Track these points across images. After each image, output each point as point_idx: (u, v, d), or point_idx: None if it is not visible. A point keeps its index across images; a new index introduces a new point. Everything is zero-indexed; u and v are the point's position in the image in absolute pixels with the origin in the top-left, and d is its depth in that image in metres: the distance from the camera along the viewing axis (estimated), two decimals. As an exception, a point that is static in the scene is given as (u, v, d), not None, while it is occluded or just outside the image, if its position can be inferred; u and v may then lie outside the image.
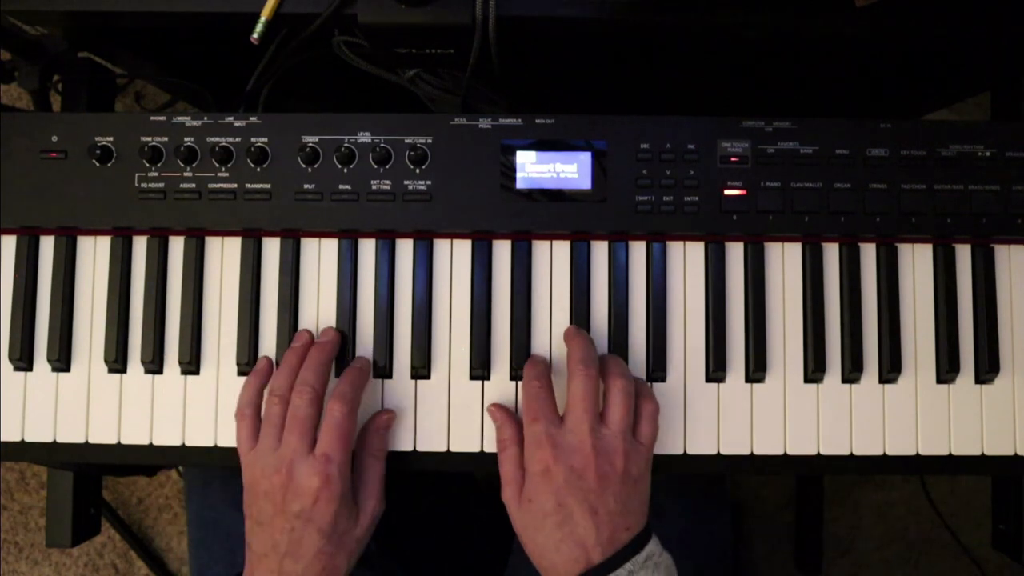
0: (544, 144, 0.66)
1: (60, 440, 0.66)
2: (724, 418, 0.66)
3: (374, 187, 0.66)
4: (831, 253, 0.67)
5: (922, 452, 0.66)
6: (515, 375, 0.66)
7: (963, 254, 0.68)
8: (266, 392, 0.63)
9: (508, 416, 0.63)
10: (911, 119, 0.68)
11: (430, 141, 0.66)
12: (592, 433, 0.57)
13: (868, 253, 0.68)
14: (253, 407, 0.62)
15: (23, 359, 0.67)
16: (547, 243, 0.68)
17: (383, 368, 0.66)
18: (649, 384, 0.66)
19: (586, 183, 0.66)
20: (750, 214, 0.66)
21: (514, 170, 0.66)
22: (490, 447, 0.66)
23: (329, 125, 0.66)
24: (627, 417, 0.59)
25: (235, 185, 0.66)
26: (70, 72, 0.76)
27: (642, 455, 0.59)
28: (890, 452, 0.66)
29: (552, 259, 0.68)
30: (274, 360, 0.66)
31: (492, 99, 0.77)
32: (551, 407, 0.60)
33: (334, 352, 0.64)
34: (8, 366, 0.67)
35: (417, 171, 0.66)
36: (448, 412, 0.66)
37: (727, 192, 0.66)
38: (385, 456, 0.64)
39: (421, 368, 0.66)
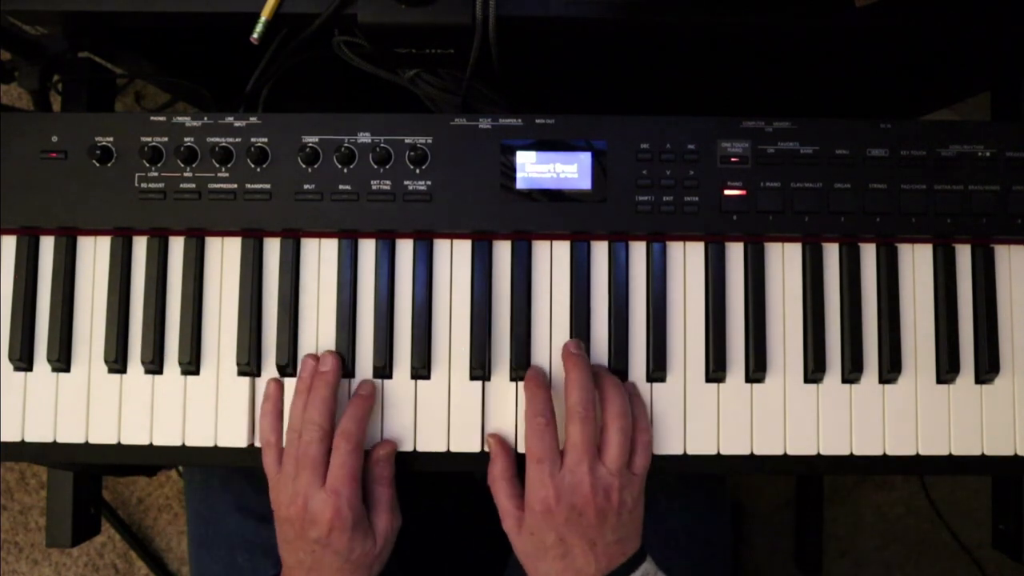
0: (544, 144, 0.66)
1: (60, 440, 0.66)
2: (724, 418, 0.66)
3: (374, 187, 0.66)
4: (831, 253, 0.67)
5: (922, 452, 0.66)
6: (515, 375, 0.66)
7: (963, 254, 0.68)
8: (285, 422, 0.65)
9: (502, 449, 0.64)
10: (911, 119, 0.68)
11: (430, 141, 0.66)
12: (591, 473, 0.59)
13: (868, 253, 0.68)
14: (276, 434, 0.65)
15: (23, 359, 0.67)
16: (547, 243, 0.68)
17: (383, 368, 0.66)
18: (648, 408, 0.66)
19: (586, 183, 0.66)
20: (750, 214, 0.66)
21: (514, 170, 0.66)
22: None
23: (329, 125, 0.66)
24: (623, 455, 0.61)
25: (235, 185, 0.66)
26: (70, 72, 0.76)
27: (636, 486, 0.62)
28: (890, 452, 0.66)
29: (552, 259, 0.68)
30: (275, 362, 0.66)
31: (492, 99, 0.77)
32: (554, 446, 0.61)
33: (337, 381, 0.65)
34: (8, 366, 0.67)
35: (417, 171, 0.66)
36: (448, 412, 0.66)
37: (727, 192, 0.66)
38: (392, 480, 0.65)
39: (421, 368, 0.66)
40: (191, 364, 0.66)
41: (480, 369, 0.66)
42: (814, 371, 0.66)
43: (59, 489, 0.81)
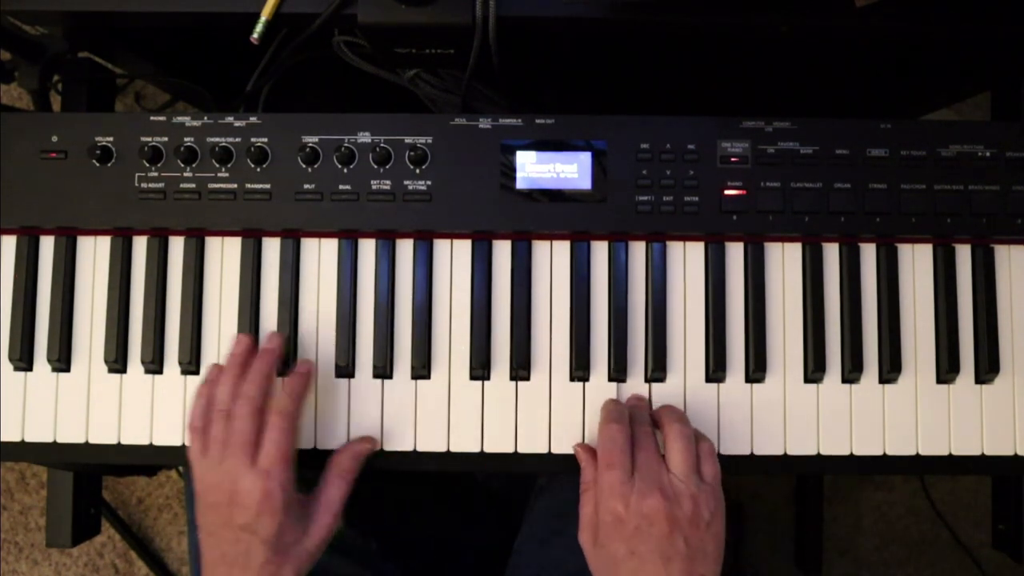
0: (544, 144, 0.66)
1: (60, 440, 0.66)
2: (724, 418, 0.66)
3: (374, 187, 0.66)
4: (831, 253, 0.67)
5: (922, 452, 0.66)
6: (515, 375, 0.66)
7: (963, 254, 0.68)
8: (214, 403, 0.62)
9: (592, 458, 0.62)
10: (911, 119, 0.68)
11: (430, 141, 0.66)
12: (660, 480, 0.57)
13: (868, 253, 0.68)
14: (205, 419, 0.61)
15: (23, 359, 0.67)
16: (547, 243, 0.68)
17: (383, 368, 0.66)
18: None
19: (586, 183, 0.66)
20: (750, 214, 0.66)
21: (514, 170, 0.66)
22: (490, 447, 0.66)
23: (329, 125, 0.66)
24: (690, 459, 0.59)
25: (235, 185, 0.66)
26: (70, 72, 0.76)
27: (711, 495, 0.58)
28: (890, 452, 0.66)
29: (552, 259, 0.67)
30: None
31: (492, 99, 0.77)
32: (627, 455, 0.59)
33: (277, 361, 0.63)
34: (8, 366, 0.67)
35: (417, 171, 0.66)
36: (448, 412, 0.66)
37: (727, 192, 0.66)
38: (354, 478, 0.63)
39: (421, 368, 0.66)
40: (191, 364, 0.66)
41: (480, 369, 0.66)
42: (814, 371, 0.66)
43: (59, 489, 0.81)
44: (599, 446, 0.60)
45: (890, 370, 0.66)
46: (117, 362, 0.66)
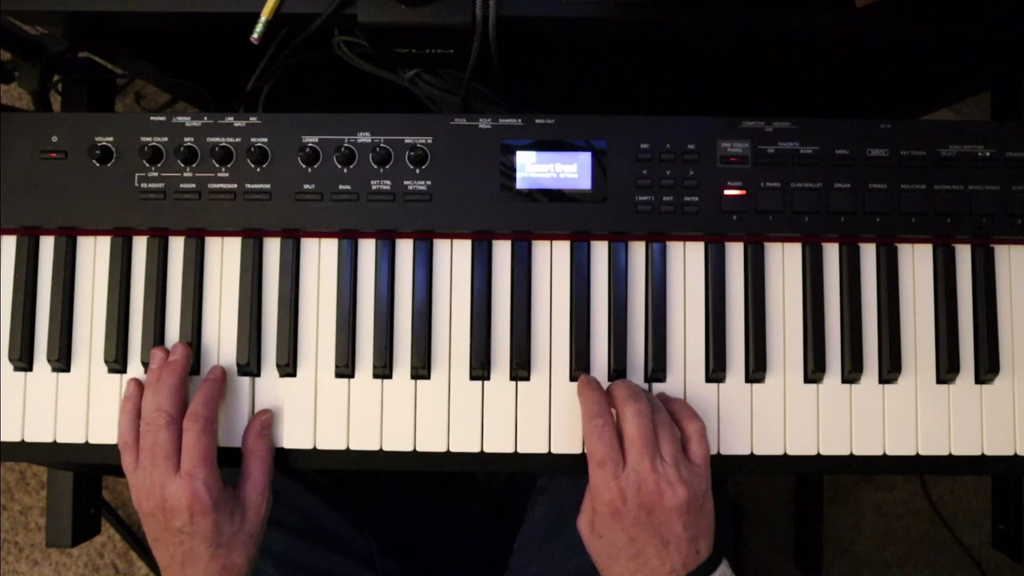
0: (544, 144, 0.66)
1: (60, 440, 0.66)
2: (724, 418, 0.66)
3: (374, 187, 0.66)
4: (831, 253, 0.67)
5: (922, 452, 0.66)
6: (515, 375, 0.66)
7: (963, 254, 0.68)
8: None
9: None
10: (911, 119, 0.68)
11: (430, 141, 0.66)
12: (653, 468, 0.58)
13: (868, 253, 0.68)
14: (133, 433, 0.63)
15: (23, 359, 0.67)
16: (547, 243, 0.68)
17: (383, 368, 0.66)
18: (691, 402, 0.66)
19: (586, 183, 0.66)
20: (750, 214, 0.66)
21: (514, 170, 0.66)
22: (490, 447, 0.66)
23: (329, 125, 0.66)
24: (677, 445, 0.60)
25: (235, 185, 0.66)
26: (70, 72, 0.76)
27: (701, 476, 0.60)
28: (890, 452, 0.66)
29: (552, 259, 0.67)
30: (275, 362, 0.66)
31: (492, 99, 0.77)
32: (615, 446, 0.59)
33: (184, 369, 0.64)
34: (8, 366, 0.67)
35: (417, 171, 0.66)
36: (448, 412, 0.66)
37: (727, 192, 0.66)
38: (270, 454, 0.65)
39: (421, 368, 0.66)
40: (191, 364, 0.66)
41: (480, 369, 0.66)
42: (814, 371, 0.66)
43: (59, 489, 0.81)
44: (586, 442, 0.60)
45: (890, 370, 0.66)
46: (117, 362, 0.66)
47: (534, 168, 0.66)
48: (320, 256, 0.68)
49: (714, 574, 0.58)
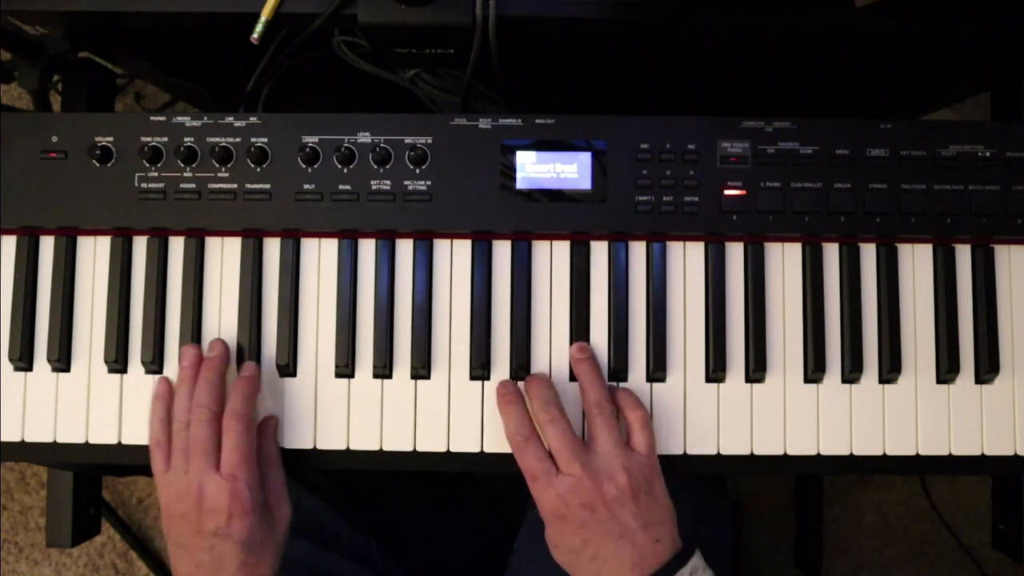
0: (544, 144, 0.66)
1: (60, 440, 0.66)
2: (724, 418, 0.66)
3: (374, 187, 0.66)
4: (831, 253, 0.67)
5: (922, 452, 0.66)
6: (515, 375, 0.66)
7: (963, 254, 0.68)
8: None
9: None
10: (911, 119, 0.68)
11: (430, 141, 0.66)
12: (585, 468, 0.58)
13: (868, 253, 0.68)
14: (165, 433, 0.62)
15: (23, 359, 0.66)
16: (547, 243, 0.68)
17: (383, 368, 0.66)
18: (651, 393, 0.66)
19: (586, 183, 0.66)
20: (750, 214, 0.66)
21: (514, 170, 0.66)
22: (490, 447, 0.66)
23: (329, 125, 0.66)
24: (614, 434, 0.60)
25: (235, 185, 0.66)
26: (70, 72, 0.76)
27: (642, 463, 0.60)
28: (890, 452, 0.66)
29: (552, 259, 0.67)
30: (275, 361, 0.66)
31: (492, 99, 0.77)
32: (542, 456, 0.60)
33: (224, 365, 0.64)
34: (8, 366, 0.67)
35: (417, 171, 0.66)
36: (448, 412, 0.66)
37: (727, 192, 0.66)
38: (280, 459, 0.64)
39: (421, 368, 0.66)
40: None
41: (480, 369, 0.66)
42: (814, 371, 0.66)
43: (59, 489, 0.81)
44: (517, 460, 0.61)
45: (890, 370, 0.66)
46: (117, 362, 0.66)
47: (534, 168, 0.66)
48: (320, 256, 0.68)
49: (685, 567, 0.57)
